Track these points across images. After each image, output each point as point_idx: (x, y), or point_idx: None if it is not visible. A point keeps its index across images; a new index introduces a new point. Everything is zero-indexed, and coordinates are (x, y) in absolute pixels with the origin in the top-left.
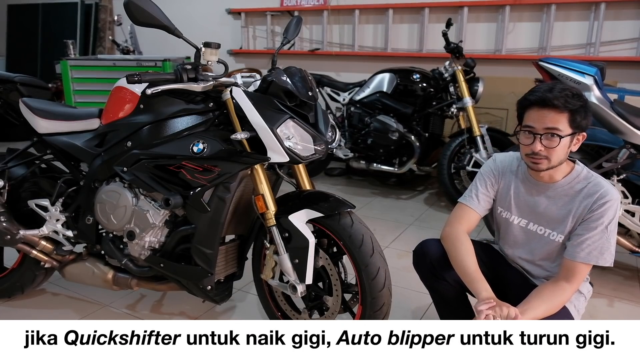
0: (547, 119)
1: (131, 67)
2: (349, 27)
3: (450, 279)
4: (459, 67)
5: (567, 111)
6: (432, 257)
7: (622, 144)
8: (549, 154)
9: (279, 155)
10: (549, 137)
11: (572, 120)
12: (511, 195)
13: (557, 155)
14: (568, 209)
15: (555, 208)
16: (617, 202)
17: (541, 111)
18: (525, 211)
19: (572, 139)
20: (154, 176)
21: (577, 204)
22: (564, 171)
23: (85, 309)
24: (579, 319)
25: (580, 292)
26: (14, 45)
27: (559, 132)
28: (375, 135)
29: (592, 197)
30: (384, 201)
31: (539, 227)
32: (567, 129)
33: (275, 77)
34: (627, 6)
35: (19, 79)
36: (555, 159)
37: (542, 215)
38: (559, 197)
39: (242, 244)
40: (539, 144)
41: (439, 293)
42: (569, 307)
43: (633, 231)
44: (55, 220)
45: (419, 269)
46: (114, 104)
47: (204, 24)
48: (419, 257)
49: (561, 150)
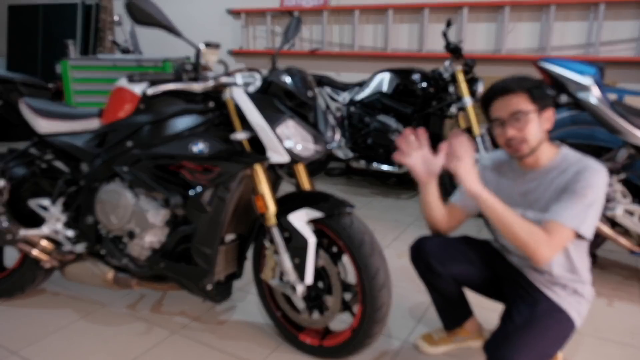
0: (509, 104)
1: (131, 67)
2: (348, 27)
3: (446, 274)
4: (458, 67)
5: (523, 91)
6: (428, 252)
7: (622, 144)
8: (524, 135)
9: (279, 155)
10: (516, 118)
11: (532, 98)
12: (502, 189)
13: (532, 134)
14: (556, 188)
15: (545, 192)
16: (599, 173)
17: (501, 100)
18: (517, 201)
19: (540, 117)
20: (154, 176)
21: (563, 177)
22: (549, 155)
23: (85, 309)
24: (580, 323)
25: (580, 295)
26: (14, 46)
27: (523, 111)
28: (376, 135)
29: (576, 168)
30: (384, 201)
31: (533, 214)
32: (530, 107)
33: (275, 77)
34: (627, 6)
35: (19, 79)
36: (532, 138)
37: (532, 202)
38: (548, 180)
39: (242, 243)
40: (510, 129)
41: (437, 289)
42: (570, 311)
43: (633, 231)
44: (56, 220)
45: (415, 265)
46: (114, 104)
47: (204, 24)
48: (415, 252)
49: (533, 128)
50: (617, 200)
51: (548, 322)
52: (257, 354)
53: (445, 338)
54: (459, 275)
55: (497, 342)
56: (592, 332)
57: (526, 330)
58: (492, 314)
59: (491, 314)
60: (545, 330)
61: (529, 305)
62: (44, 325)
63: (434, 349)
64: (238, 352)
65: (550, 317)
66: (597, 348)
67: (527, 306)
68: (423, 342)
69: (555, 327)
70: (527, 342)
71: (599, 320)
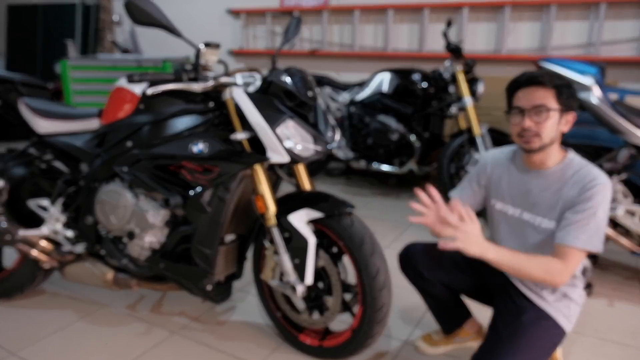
0: (535, 96)
1: (131, 67)
2: (348, 27)
3: (435, 281)
4: (459, 67)
5: (553, 87)
6: (416, 260)
7: (622, 144)
8: (539, 129)
9: (279, 155)
10: (537, 112)
11: (558, 97)
12: (504, 185)
13: (547, 131)
14: (559, 195)
15: (546, 195)
16: (606, 188)
17: (528, 89)
18: (518, 200)
19: (561, 117)
20: (154, 176)
21: (567, 190)
22: (556, 158)
23: (85, 309)
24: (570, 327)
25: (570, 298)
26: (14, 45)
27: (546, 106)
28: (376, 136)
29: (582, 182)
30: (384, 201)
31: (531, 216)
32: (554, 105)
33: (275, 77)
34: (627, 6)
35: (18, 79)
36: (546, 135)
37: (534, 203)
38: (550, 184)
39: (242, 244)
40: (528, 120)
41: (430, 295)
42: (558, 318)
43: (633, 231)
44: (55, 220)
45: (405, 273)
46: (114, 104)
47: (204, 24)
48: (403, 260)
49: (551, 126)
50: (618, 201)
51: (534, 331)
52: (257, 354)
53: (445, 339)
54: (447, 282)
55: (483, 356)
56: (592, 333)
57: (512, 343)
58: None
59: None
60: (532, 341)
61: (514, 315)
62: (44, 325)
63: (433, 349)
64: (238, 353)
65: (537, 325)
66: (597, 348)
67: (513, 317)
68: (423, 342)
69: (542, 336)
70: (513, 353)
71: (599, 320)
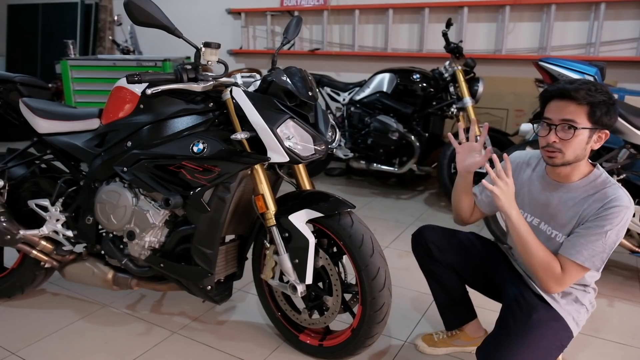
0: (565, 110)
1: (131, 67)
2: (349, 27)
3: (444, 262)
4: (459, 67)
5: (586, 104)
6: (428, 238)
7: (622, 144)
8: (564, 146)
9: (279, 155)
10: (564, 128)
11: (591, 114)
12: (525, 192)
13: (572, 149)
14: (576, 211)
15: (564, 209)
16: (627, 211)
17: (560, 102)
18: (537, 210)
19: (591, 135)
20: (154, 176)
21: (586, 207)
22: (582, 173)
23: (85, 309)
24: (578, 331)
25: (581, 304)
26: (14, 45)
27: (575, 124)
28: (375, 135)
29: (603, 201)
30: (384, 201)
31: (547, 227)
32: (584, 122)
33: (275, 77)
34: (627, 6)
35: (19, 79)
36: (570, 152)
37: (552, 216)
38: (571, 199)
39: (242, 244)
40: (553, 135)
41: (437, 281)
42: (567, 319)
43: (633, 231)
44: (55, 220)
45: (415, 251)
46: (114, 104)
47: (204, 24)
48: (416, 238)
49: (577, 144)
50: None
51: (543, 330)
52: (257, 354)
53: (445, 340)
54: (457, 266)
55: (489, 349)
56: (592, 333)
57: (520, 339)
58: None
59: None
60: (540, 339)
61: (525, 312)
62: (44, 325)
63: (433, 350)
64: (238, 352)
65: (547, 325)
66: (598, 348)
67: (523, 313)
68: (423, 342)
69: (550, 336)
70: (520, 351)
71: (599, 320)
